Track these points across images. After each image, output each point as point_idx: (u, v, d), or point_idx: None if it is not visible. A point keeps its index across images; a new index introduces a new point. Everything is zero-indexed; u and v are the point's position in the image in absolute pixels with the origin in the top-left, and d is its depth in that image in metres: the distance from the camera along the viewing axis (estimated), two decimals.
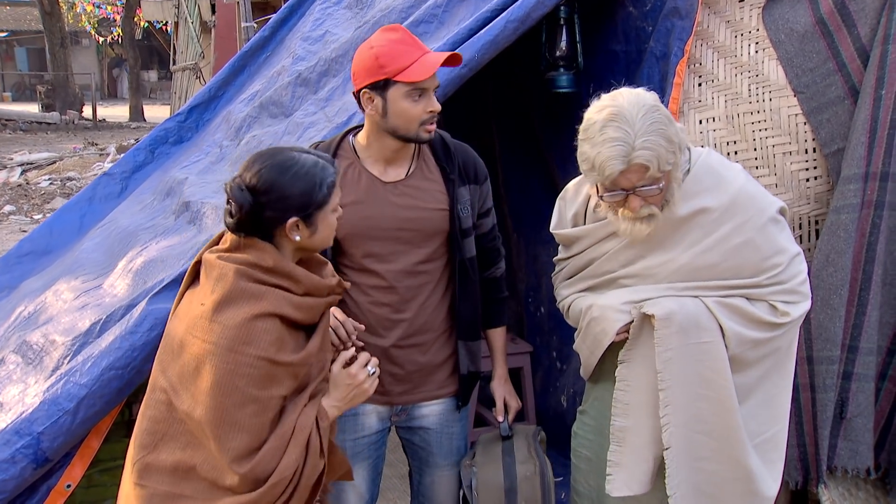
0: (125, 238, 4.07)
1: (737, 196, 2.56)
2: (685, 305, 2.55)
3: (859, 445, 3.27)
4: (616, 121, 2.38)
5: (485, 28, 3.27)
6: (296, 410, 2.22)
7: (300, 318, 2.23)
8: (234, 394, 2.12)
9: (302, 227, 2.24)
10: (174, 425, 2.22)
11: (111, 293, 3.49)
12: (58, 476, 2.93)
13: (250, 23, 6.95)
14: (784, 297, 2.59)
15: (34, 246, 4.70)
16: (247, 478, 2.14)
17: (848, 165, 3.18)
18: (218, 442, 2.14)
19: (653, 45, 3.51)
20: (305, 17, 5.25)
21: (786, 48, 3.30)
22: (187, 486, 2.18)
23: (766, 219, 2.56)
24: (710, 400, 2.55)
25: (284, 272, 2.22)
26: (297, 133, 3.65)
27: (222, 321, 2.14)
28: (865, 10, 3.21)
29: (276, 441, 2.17)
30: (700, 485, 2.61)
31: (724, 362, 2.55)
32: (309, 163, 2.24)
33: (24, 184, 13.39)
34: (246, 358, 2.12)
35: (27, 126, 23.45)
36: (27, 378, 3.22)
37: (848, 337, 3.22)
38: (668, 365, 2.54)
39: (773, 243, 2.57)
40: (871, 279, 3.20)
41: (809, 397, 3.25)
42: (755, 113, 3.33)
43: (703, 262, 2.56)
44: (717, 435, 2.57)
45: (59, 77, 27.63)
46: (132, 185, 4.93)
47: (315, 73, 4.10)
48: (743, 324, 2.56)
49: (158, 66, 39.00)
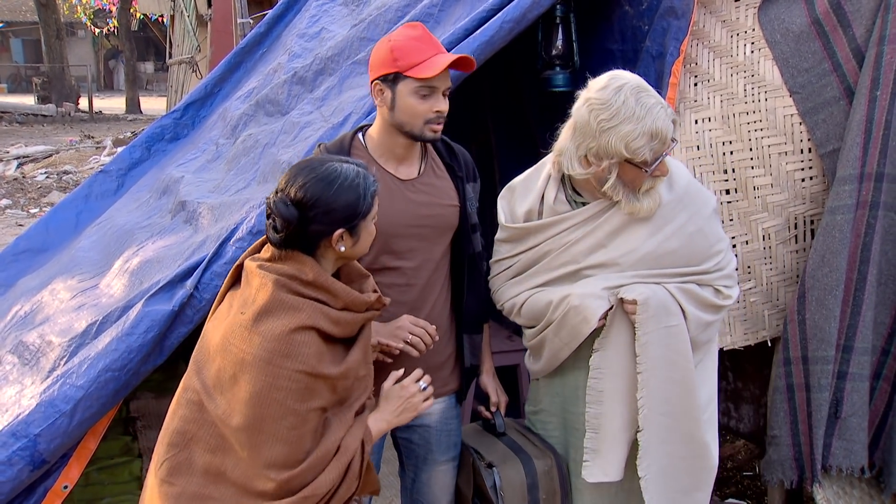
0: (121, 237, 4.07)
1: (687, 188, 2.73)
2: (656, 291, 2.65)
3: (854, 444, 3.28)
4: (644, 90, 2.55)
5: (480, 28, 3.27)
6: (342, 427, 2.24)
7: (337, 332, 2.24)
8: (273, 406, 2.13)
9: (346, 237, 2.25)
10: (204, 427, 2.23)
11: (107, 293, 3.49)
12: (55, 477, 2.94)
13: (246, 18, 6.94)
14: (725, 282, 2.76)
15: (30, 244, 4.69)
16: (282, 487, 2.15)
17: (843, 166, 3.19)
18: (254, 450, 2.15)
19: (649, 44, 3.50)
20: (301, 13, 5.24)
21: (781, 48, 3.29)
22: (216, 490, 2.19)
23: (710, 210, 2.75)
24: (676, 382, 2.66)
25: (324, 286, 2.22)
26: (294, 132, 3.65)
27: (262, 332, 2.15)
28: (861, 11, 3.21)
29: (319, 456, 2.18)
30: (665, 467, 2.70)
31: (687, 345, 2.67)
32: (352, 174, 2.24)
33: (21, 177, 13.37)
34: (285, 371, 2.13)
35: (23, 118, 23.39)
36: (24, 379, 3.22)
37: (843, 337, 3.24)
38: (646, 348, 2.64)
39: (716, 232, 2.77)
40: (866, 279, 3.21)
41: (804, 397, 3.26)
42: (751, 113, 3.33)
43: (664, 250, 2.68)
44: (677, 415, 2.68)
45: (55, 69, 27.54)
46: (128, 182, 4.93)
47: (311, 71, 4.10)
48: (699, 307, 2.70)
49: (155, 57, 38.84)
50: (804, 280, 3.24)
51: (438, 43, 2.76)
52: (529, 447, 2.92)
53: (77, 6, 30.95)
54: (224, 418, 2.18)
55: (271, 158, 3.58)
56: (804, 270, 3.26)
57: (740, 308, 3.39)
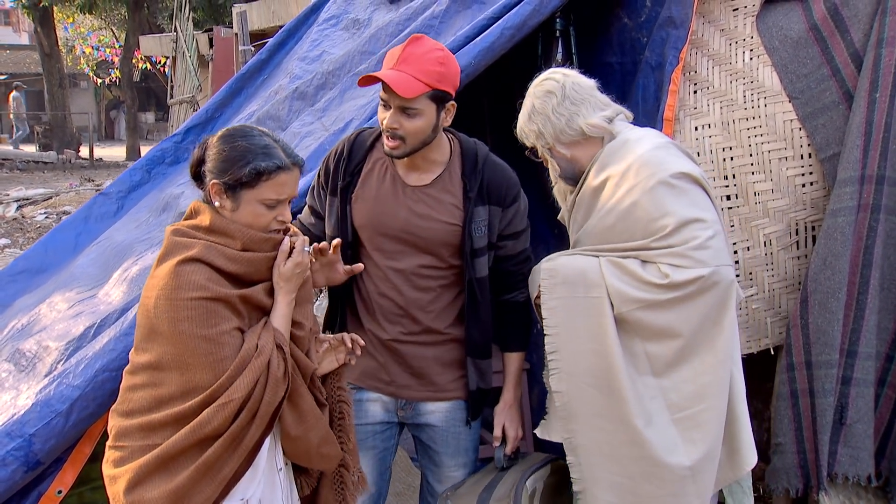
0: (120, 252, 4.06)
1: (632, 163, 2.68)
2: (575, 261, 2.72)
3: (860, 452, 3.23)
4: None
5: (481, 35, 3.30)
6: (254, 336, 2.28)
7: (237, 270, 2.29)
8: (184, 339, 2.19)
9: (222, 194, 2.30)
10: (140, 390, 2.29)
11: (106, 301, 3.47)
12: (49, 481, 2.90)
13: (248, 46, 7.01)
14: (672, 260, 2.59)
15: (28, 264, 4.67)
16: (205, 400, 2.21)
17: (844, 168, 3.19)
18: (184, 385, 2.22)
19: (648, 55, 3.53)
20: (303, 40, 5.29)
21: (780, 54, 3.32)
22: (157, 436, 2.24)
23: (654, 181, 2.62)
24: (598, 353, 2.65)
25: (218, 229, 2.30)
26: (294, 142, 3.66)
27: (157, 273, 2.25)
28: (858, 16, 3.24)
29: (237, 364, 2.22)
30: (601, 444, 2.68)
31: (607, 319, 2.64)
32: (258, 144, 2.30)
33: (20, 218, 13.38)
34: (181, 302, 2.19)
35: (24, 165, 23.45)
36: (19, 385, 3.18)
37: (847, 341, 3.21)
38: (553, 314, 2.71)
39: (659, 206, 2.61)
40: (869, 283, 3.19)
41: (808, 402, 3.22)
42: (750, 119, 3.35)
43: (604, 225, 2.72)
44: (605, 391, 2.65)
45: (57, 117, 27.74)
46: (128, 204, 4.92)
47: (312, 86, 4.12)
48: (627, 282, 2.63)
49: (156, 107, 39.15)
50: (806, 284, 3.22)
51: (398, 58, 2.69)
52: (501, 488, 2.86)
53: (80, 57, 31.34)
54: (155, 364, 2.24)
55: None
56: (806, 274, 3.24)
57: (742, 315, 3.37)
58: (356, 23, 4.87)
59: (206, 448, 2.21)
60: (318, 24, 5.15)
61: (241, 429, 2.23)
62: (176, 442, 2.20)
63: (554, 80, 2.79)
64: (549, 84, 2.79)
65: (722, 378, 2.68)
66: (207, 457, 2.21)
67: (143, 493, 2.20)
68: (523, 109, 2.83)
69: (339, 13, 5.16)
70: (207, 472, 2.22)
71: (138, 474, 2.21)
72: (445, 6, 3.77)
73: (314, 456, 2.46)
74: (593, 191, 2.77)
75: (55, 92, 27.42)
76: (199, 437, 2.20)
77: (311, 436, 2.41)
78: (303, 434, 2.40)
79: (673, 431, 2.65)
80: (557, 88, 2.76)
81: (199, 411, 2.20)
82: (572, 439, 2.73)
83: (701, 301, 2.61)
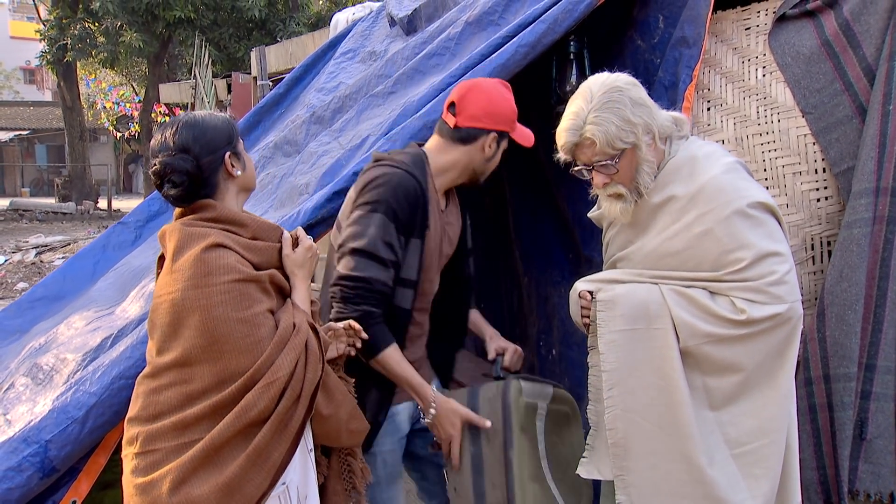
0: (138, 274, 4.09)
1: (704, 185, 2.55)
2: (634, 291, 2.58)
3: (881, 468, 3.18)
4: (578, 98, 2.57)
5: (496, 53, 3.34)
6: (289, 315, 2.26)
7: (252, 258, 2.28)
8: (220, 325, 2.14)
9: (235, 160, 2.33)
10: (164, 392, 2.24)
11: (123, 316, 3.48)
12: (63, 491, 2.89)
13: (265, 80, 7.11)
14: (748, 295, 2.50)
15: (47, 291, 4.71)
16: (245, 384, 2.15)
17: (858, 180, 3.19)
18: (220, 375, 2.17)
19: (661, 75, 3.56)
20: (320, 73, 5.37)
21: (793, 70, 3.34)
22: (193, 433, 2.17)
23: (730, 211, 2.50)
24: (661, 389, 2.54)
25: (229, 218, 2.30)
26: (311, 161, 3.70)
27: (179, 267, 2.20)
28: (870, 31, 3.26)
29: (276, 342, 2.19)
30: (658, 483, 2.57)
31: (673, 351, 2.52)
32: (203, 112, 2.36)
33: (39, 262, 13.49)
34: (213, 288, 2.16)
35: (43, 216, 23.72)
36: (36, 397, 3.19)
37: (865, 355, 3.17)
38: (612, 347, 2.57)
39: (736, 237, 2.50)
40: (887, 296, 3.17)
41: (827, 417, 3.18)
42: (764, 134, 3.36)
43: (666, 249, 2.59)
44: (667, 429, 2.54)
45: (77, 168, 28.12)
46: (146, 233, 4.97)
47: (329, 110, 4.18)
48: (696, 315, 2.51)
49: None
50: (822, 297, 3.20)
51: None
52: (488, 390, 2.86)
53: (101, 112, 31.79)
54: (178, 358, 2.19)
55: (288, 186, 3.63)
56: (822, 287, 3.23)
57: None
58: (373, 55, 4.95)
59: (252, 435, 2.15)
60: (335, 58, 5.24)
61: (287, 409, 2.18)
62: (221, 432, 2.13)
63: (617, 76, 2.61)
64: (622, 77, 2.59)
65: (786, 412, 2.61)
66: (257, 443, 2.14)
67: (191, 490, 2.12)
68: (604, 112, 2.51)
69: (356, 47, 5.25)
70: (258, 459, 2.15)
71: (182, 472, 2.13)
72: (461, 28, 3.83)
73: (343, 433, 2.44)
74: (653, 209, 2.62)
75: (75, 144, 27.84)
76: (245, 422, 2.14)
77: (341, 413, 2.41)
78: (334, 412, 2.39)
79: (733, 468, 2.56)
80: (631, 82, 2.60)
81: (239, 397, 2.14)
82: (625, 477, 2.61)
83: (772, 336, 2.53)
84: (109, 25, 22.35)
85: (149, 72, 26.38)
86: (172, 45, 26.07)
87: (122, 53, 22.82)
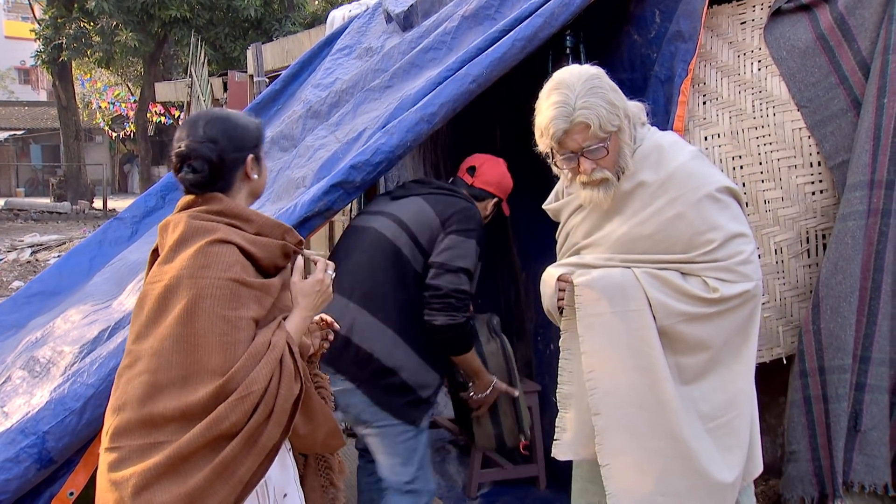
0: (134, 269, 4.08)
1: (674, 172, 2.63)
2: (610, 274, 2.63)
3: (875, 460, 3.20)
4: (558, 88, 2.58)
5: (493, 46, 3.35)
6: (268, 332, 2.22)
7: (256, 253, 2.27)
8: (203, 316, 2.12)
9: (254, 164, 2.35)
10: (133, 381, 2.17)
11: (119, 309, 3.49)
12: (61, 483, 2.88)
13: (262, 77, 7.11)
14: (719, 274, 2.59)
15: (43, 286, 4.69)
16: (218, 392, 2.10)
17: (853, 173, 3.20)
18: (192, 367, 2.12)
19: (657, 69, 3.57)
20: (317, 70, 5.36)
21: (788, 64, 3.36)
22: (160, 433, 2.12)
23: (700, 195, 2.60)
24: (641, 370, 2.59)
25: (235, 213, 2.29)
26: (308, 155, 3.70)
27: (180, 256, 2.18)
28: (865, 25, 3.28)
29: (251, 354, 2.15)
30: (643, 463, 2.61)
31: (651, 331, 2.59)
32: (235, 111, 2.39)
33: (34, 261, 13.48)
34: (208, 280, 2.14)
35: (38, 216, 23.68)
36: (33, 389, 3.19)
37: (860, 346, 3.20)
38: (590, 331, 2.63)
39: (706, 220, 2.59)
40: (881, 288, 3.19)
41: (822, 409, 3.20)
42: (759, 128, 3.38)
43: (638, 233, 2.64)
44: (650, 407, 2.59)
45: (72, 168, 28.07)
46: (142, 229, 4.96)
47: (325, 105, 4.18)
48: (671, 295, 2.59)
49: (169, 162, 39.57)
50: (818, 289, 3.22)
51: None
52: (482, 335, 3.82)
53: (97, 112, 31.77)
54: (154, 346, 2.14)
55: (285, 179, 3.63)
56: (817, 280, 3.25)
57: None
58: (369, 51, 4.95)
59: (221, 448, 2.10)
60: (331, 55, 5.23)
61: (258, 425, 2.13)
62: (189, 441, 2.08)
63: (586, 66, 2.68)
64: (592, 67, 2.66)
65: (750, 385, 2.69)
66: (224, 456, 2.09)
67: (153, 497, 2.06)
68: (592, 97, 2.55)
69: (353, 43, 5.25)
70: (224, 473, 2.10)
71: (146, 478, 2.07)
72: (457, 23, 3.83)
73: (319, 447, 2.44)
74: (622, 195, 2.66)
75: (70, 144, 27.79)
76: (214, 434, 2.09)
77: (318, 433, 2.40)
78: (311, 432, 2.38)
79: (708, 442, 2.62)
80: (601, 70, 2.65)
81: (211, 407, 2.10)
82: (611, 466, 2.63)
83: (738, 313, 2.63)
84: (105, 25, 22.29)
85: (144, 71, 26.36)
86: (168, 44, 26.04)
87: (117, 53, 22.77)
